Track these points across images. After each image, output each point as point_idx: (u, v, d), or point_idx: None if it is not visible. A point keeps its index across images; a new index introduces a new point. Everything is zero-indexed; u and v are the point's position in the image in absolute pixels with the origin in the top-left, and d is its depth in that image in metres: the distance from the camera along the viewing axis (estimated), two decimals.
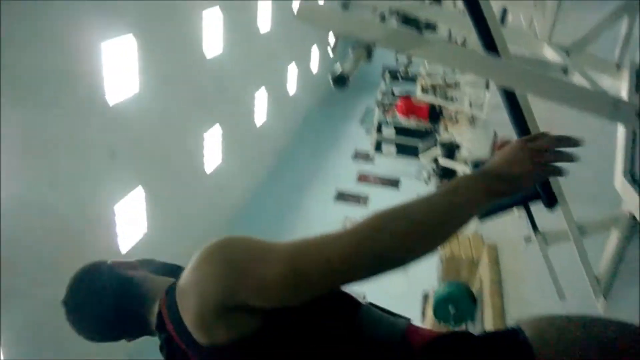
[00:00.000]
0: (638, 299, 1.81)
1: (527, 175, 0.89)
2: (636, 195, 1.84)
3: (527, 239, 2.05)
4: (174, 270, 1.00)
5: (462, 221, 0.86)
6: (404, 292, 6.72)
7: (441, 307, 4.75)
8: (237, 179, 8.48)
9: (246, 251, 0.83)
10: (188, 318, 0.82)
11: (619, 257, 1.99)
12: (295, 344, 0.83)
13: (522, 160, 0.89)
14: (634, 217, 1.84)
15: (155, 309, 0.91)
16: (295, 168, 10.08)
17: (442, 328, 5.56)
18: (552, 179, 1.79)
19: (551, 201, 1.80)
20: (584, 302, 2.21)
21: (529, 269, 3.49)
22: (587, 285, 2.07)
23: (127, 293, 0.97)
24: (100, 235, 5.25)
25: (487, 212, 1.96)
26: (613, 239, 2.00)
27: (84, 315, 0.98)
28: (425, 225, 0.83)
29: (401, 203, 0.84)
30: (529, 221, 1.97)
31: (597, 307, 2.07)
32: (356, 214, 8.82)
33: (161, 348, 0.90)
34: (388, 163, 10.41)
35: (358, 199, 9.38)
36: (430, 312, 5.47)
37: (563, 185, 1.91)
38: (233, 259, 0.82)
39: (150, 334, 0.95)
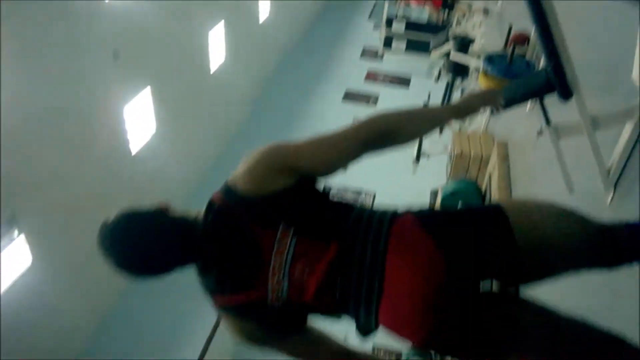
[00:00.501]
0: None
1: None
2: None
3: (539, 132, 2.03)
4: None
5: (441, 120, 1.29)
6: (412, 190, 6.84)
7: (449, 202, 4.83)
8: (241, 77, 8.35)
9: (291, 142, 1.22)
10: (242, 183, 1.15)
11: (631, 151, 1.98)
12: (305, 200, 1.16)
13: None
14: None
15: (196, 216, 1.20)
16: (301, 66, 9.86)
17: None
18: (568, 70, 1.75)
19: (566, 93, 1.77)
20: (592, 196, 2.24)
21: (539, 165, 3.50)
22: (596, 180, 2.09)
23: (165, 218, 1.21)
24: (111, 137, 5.28)
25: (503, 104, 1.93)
26: (626, 132, 1.98)
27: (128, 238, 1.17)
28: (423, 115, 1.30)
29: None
30: (542, 114, 1.95)
31: (605, 201, 2.10)
32: (365, 113, 8.78)
33: (215, 225, 1.15)
34: (397, 60, 10.13)
35: (367, 99, 9.25)
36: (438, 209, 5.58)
37: (579, 77, 1.87)
38: (281, 144, 1.20)
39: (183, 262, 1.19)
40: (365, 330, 1.19)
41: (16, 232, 4.12)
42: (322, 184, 1.21)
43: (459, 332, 1.10)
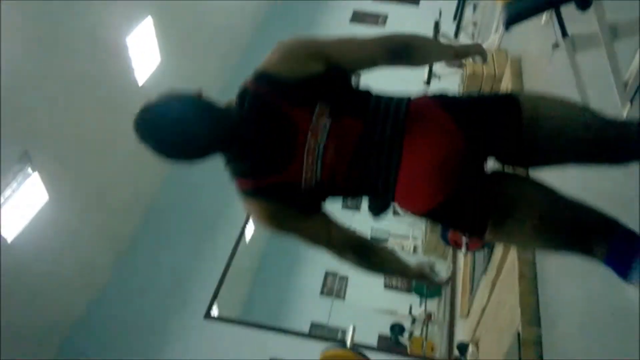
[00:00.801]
0: None
1: None
2: None
3: (555, 46, 1.97)
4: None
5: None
6: None
7: None
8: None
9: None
10: (277, 67, 1.22)
11: None
12: (336, 84, 1.25)
13: None
14: None
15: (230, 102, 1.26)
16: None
17: None
18: None
19: (585, 2, 1.70)
20: (608, 110, 2.19)
21: (554, 81, 3.42)
22: (612, 94, 2.04)
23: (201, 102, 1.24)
24: (116, 69, 5.22)
25: (516, 16, 1.86)
26: None
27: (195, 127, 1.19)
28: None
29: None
30: (558, 25, 1.87)
31: (622, 115, 2.06)
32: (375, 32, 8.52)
33: (250, 105, 1.20)
34: None
35: (376, 19, 8.94)
36: None
37: None
38: (312, 36, 1.29)
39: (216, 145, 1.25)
40: (380, 207, 1.32)
41: (30, 169, 4.15)
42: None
43: (472, 198, 1.21)
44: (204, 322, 5.24)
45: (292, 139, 1.19)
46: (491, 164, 1.28)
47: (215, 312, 5.33)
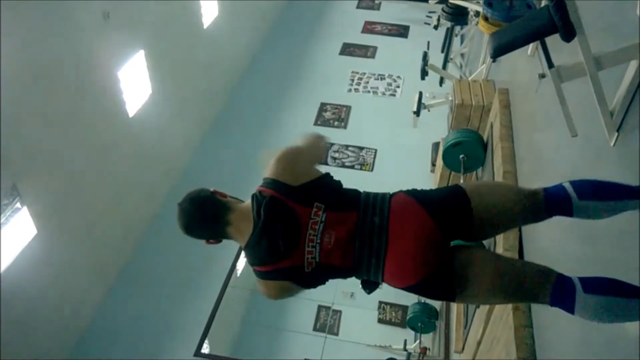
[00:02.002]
0: None
1: None
2: None
3: (541, 76, 1.97)
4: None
5: None
6: (414, 144, 6.80)
7: (450, 153, 4.78)
8: (236, 34, 8.17)
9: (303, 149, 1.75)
10: (286, 177, 1.58)
11: (635, 92, 1.93)
12: (329, 186, 1.63)
13: None
14: None
15: (242, 205, 1.64)
16: (298, 19, 9.63)
17: (454, 175, 5.68)
18: (571, 7, 1.68)
19: (569, 32, 1.71)
20: (596, 139, 2.20)
21: (541, 111, 3.44)
22: (599, 123, 2.04)
23: (217, 204, 1.62)
24: (107, 102, 5.22)
25: (503, 47, 1.87)
26: (629, 72, 1.92)
27: (191, 216, 1.61)
28: None
29: None
30: (544, 56, 1.88)
31: (609, 143, 2.06)
32: (363, 67, 8.61)
33: (267, 207, 1.54)
34: (395, 9, 9.89)
35: (365, 51, 9.06)
36: (440, 161, 5.54)
37: (582, 16, 1.79)
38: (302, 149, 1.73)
39: (223, 236, 1.65)
40: (372, 284, 1.62)
41: (19, 203, 4.11)
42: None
43: (444, 274, 1.51)
44: (195, 359, 5.11)
45: (296, 230, 1.53)
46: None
47: (206, 349, 5.21)
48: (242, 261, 6.01)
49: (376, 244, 1.52)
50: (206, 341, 5.23)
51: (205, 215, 1.61)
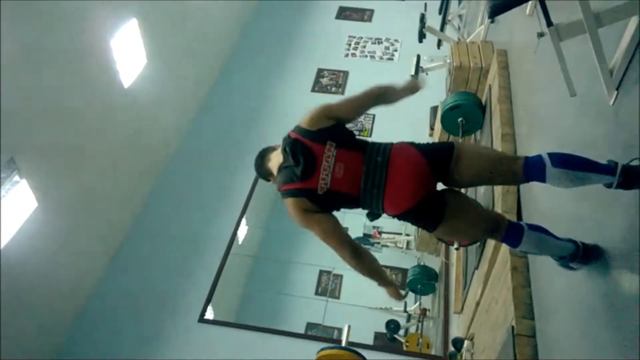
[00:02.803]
0: None
1: None
2: None
3: (540, 35, 1.94)
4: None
5: None
6: (412, 108, 6.74)
7: (449, 117, 4.76)
8: (228, 4, 8.03)
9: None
10: (306, 124, 2.04)
11: (635, 50, 1.90)
12: (341, 131, 2.09)
13: None
14: None
15: (277, 147, 2.16)
16: None
17: (453, 139, 5.67)
18: None
19: None
20: (595, 98, 2.18)
21: (540, 72, 3.41)
22: (598, 82, 2.02)
23: (264, 150, 2.24)
24: (101, 73, 5.16)
25: (500, 6, 1.84)
26: (629, 30, 1.89)
27: (255, 161, 2.24)
28: None
29: None
30: (543, 14, 1.85)
31: (608, 102, 2.04)
32: (360, 31, 8.48)
33: (290, 145, 2.02)
34: None
35: (362, 14, 8.92)
36: (438, 124, 5.51)
37: None
38: (328, 104, 2.10)
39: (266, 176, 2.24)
40: (374, 214, 2.10)
41: (17, 176, 4.10)
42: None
43: (432, 203, 1.97)
44: (199, 325, 5.20)
45: (314, 161, 1.99)
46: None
47: (210, 314, 5.30)
48: (243, 229, 6.05)
49: (378, 177, 1.97)
50: (210, 307, 5.31)
51: (258, 159, 2.23)
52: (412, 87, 2.28)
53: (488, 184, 2.58)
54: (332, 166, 1.99)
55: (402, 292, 2.34)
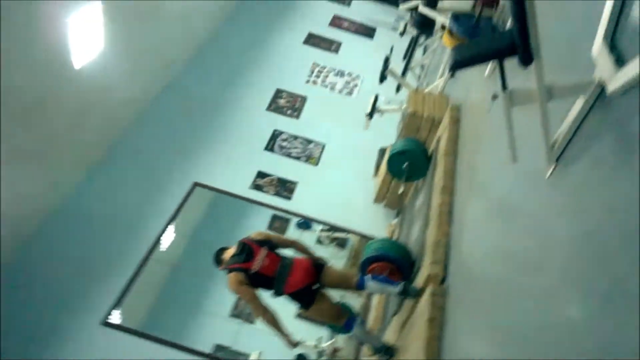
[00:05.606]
0: (583, 170, 1.82)
1: None
2: (610, 62, 1.75)
3: (494, 97, 1.96)
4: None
5: None
6: (362, 146, 6.80)
7: (395, 161, 4.80)
8: (202, 5, 7.92)
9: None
10: (254, 236, 3.78)
11: (577, 127, 1.95)
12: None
13: None
14: (602, 85, 1.76)
15: (232, 248, 3.76)
16: (261, 5, 9.44)
17: (395, 183, 5.70)
18: (533, 34, 1.67)
19: (528, 58, 1.70)
20: (533, 168, 2.22)
21: (488, 132, 3.49)
22: (539, 153, 2.06)
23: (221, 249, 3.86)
24: (53, 49, 4.90)
25: (463, 61, 1.85)
26: (576, 107, 1.94)
27: (217, 253, 3.86)
28: None
29: None
30: (500, 77, 1.87)
31: (544, 175, 2.08)
32: (325, 60, 8.54)
33: (243, 244, 3.66)
34: (365, 9, 9.88)
35: (330, 44, 8.99)
36: (384, 167, 5.56)
37: (542, 45, 1.79)
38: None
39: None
40: (277, 293, 3.57)
41: None
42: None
43: (310, 291, 3.62)
44: (101, 328, 4.91)
45: (252, 254, 3.58)
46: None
47: (115, 319, 5.01)
48: (170, 237, 5.83)
49: (285, 271, 3.56)
50: (118, 310, 5.03)
51: (219, 251, 3.79)
52: (320, 261, 3.80)
53: (345, 290, 3.89)
54: (262, 259, 3.55)
55: (294, 342, 3.59)
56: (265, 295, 3.59)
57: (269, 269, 3.49)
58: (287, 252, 3.82)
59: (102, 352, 4.73)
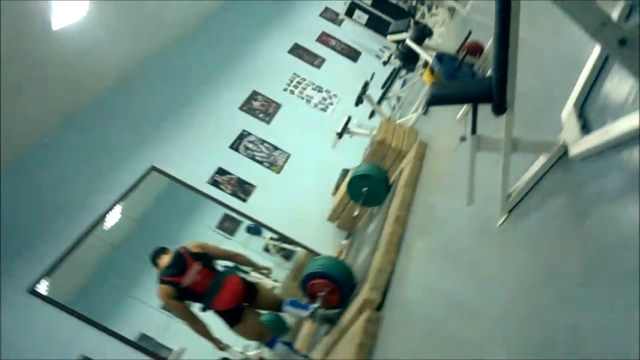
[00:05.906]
0: (533, 225, 1.88)
1: None
2: (576, 128, 1.82)
3: (462, 139, 2.02)
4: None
5: None
6: (326, 163, 6.83)
7: (356, 183, 4.84)
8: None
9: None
10: (191, 247, 3.93)
11: (535, 183, 2.02)
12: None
13: None
14: (565, 148, 1.84)
15: (169, 252, 3.97)
16: (257, 4, 9.43)
17: (351, 205, 5.74)
18: (510, 85, 1.72)
19: (501, 107, 1.76)
20: (486, 214, 2.28)
21: (450, 173, 3.56)
22: (495, 201, 2.12)
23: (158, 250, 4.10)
24: (34, 5, 4.75)
25: (438, 99, 1.89)
26: (537, 164, 2.01)
27: (156, 252, 4.09)
28: None
29: None
30: (471, 121, 1.92)
31: (495, 223, 2.14)
32: (306, 73, 8.58)
33: (177, 256, 3.85)
34: (354, 32, 9.99)
35: (314, 59, 9.05)
36: (344, 187, 5.59)
37: (517, 98, 1.85)
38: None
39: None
40: (205, 309, 3.77)
41: None
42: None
43: (239, 310, 3.88)
44: (26, 295, 4.72)
45: (185, 268, 3.74)
46: None
47: (43, 289, 4.82)
48: (116, 216, 5.68)
49: (216, 288, 3.71)
50: (48, 282, 4.85)
51: (158, 251, 3.97)
52: (264, 270, 4.24)
53: (275, 311, 4.04)
54: (194, 275, 3.70)
55: (223, 346, 3.91)
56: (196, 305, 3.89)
57: (200, 285, 3.70)
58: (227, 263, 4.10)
59: (21, 319, 4.54)
